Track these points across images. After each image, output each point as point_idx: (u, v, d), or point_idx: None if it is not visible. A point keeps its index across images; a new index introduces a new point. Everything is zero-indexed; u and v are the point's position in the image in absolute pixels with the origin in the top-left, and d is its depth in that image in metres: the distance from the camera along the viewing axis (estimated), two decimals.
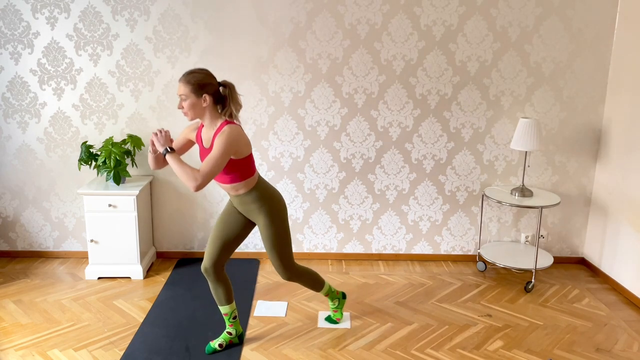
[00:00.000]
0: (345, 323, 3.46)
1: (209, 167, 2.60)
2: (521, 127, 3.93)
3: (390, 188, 4.35)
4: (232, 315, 3.14)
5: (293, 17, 4.01)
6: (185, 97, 2.69)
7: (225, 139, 2.64)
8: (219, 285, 3.04)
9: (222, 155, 2.63)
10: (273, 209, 2.91)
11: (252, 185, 2.86)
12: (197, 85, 2.67)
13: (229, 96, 2.75)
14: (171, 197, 4.32)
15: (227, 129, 2.68)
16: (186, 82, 2.68)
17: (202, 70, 2.73)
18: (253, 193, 2.87)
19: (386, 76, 4.12)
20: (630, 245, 3.87)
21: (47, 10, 3.96)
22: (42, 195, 4.30)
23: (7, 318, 3.46)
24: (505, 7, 4.01)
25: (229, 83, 2.77)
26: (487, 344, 3.26)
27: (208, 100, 2.70)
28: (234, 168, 2.76)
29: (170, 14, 3.99)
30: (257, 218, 2.93)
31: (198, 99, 2.69)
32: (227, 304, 3.09)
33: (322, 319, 3.50)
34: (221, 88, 2.76)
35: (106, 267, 4.01)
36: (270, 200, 2.91)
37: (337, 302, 3.43)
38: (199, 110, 2.72)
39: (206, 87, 2.69)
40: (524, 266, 3.99)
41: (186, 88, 2.68)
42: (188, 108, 2.70)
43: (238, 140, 2.69)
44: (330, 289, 3.35)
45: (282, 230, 2.95)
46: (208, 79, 2.71)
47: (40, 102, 4.13)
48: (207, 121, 2.77)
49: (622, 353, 3.19)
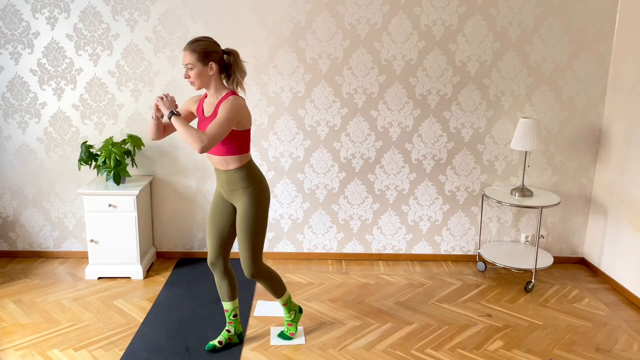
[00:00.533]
0: (300, 339, 3.27)
1: (215, 129, 2.60)
2: (521, 127, 3.93)
3: (390, 188, 4.35)
4: (233, 313, 3.14)
5: (293, 17, 4.01)
6: (191, 66, 2.69)
7: (230, 106, 2.65)
8: (225, 279, 3.06)
9: (228, 120, 2.63)
10: (257, 193, 2.86)
11: (244, 162, 2.83)
12: (203, 53, 2.68)
13: (234, 64, 2.75)
14: (171, 197, 4.32)
15: (232, 98, 2.70)
16: (192, 50, 2.68)
17: (206, 38, 2.73)
18: (242, 170, 2.83)
19: (386, 76, 4.12)
20: (630, 245, 3.87)
21: (47, 10, 3.96)
22: (42, 195, 4.30)
23: (7, 318, 3.46)
24: (505, 7, 4.01)
25: (233, 50, 2.77)
26: (487, 344, 3.26)
27: (214, 68, 2.71)
28: (232, 139, 2.75)
29: (170, 14, 3.99)
30: (240, 199, 2.86)
31: (204, 67, 2.69)
32: (230, 300, 3.10)
33: (274, 335, 3.30)
34: (225, 56, 2.76)
35: (106, 267, 4.01)
36: (258, 183, 2.87)
37: (294, 315, 3.25)
38: (206, 79, 2.73)
39: (212, 55, 2.70)
40: (524, 266, 3.99)
41: (192, 56, 2.67)
42: (195, 77, 2.70)
43: (242, 110, 2.70)
44: (290, 299, 3.22)
45: (261, 219, 2.88)
46: (213, 46, 2.72)
47: (40, 102, 4.13)
48: (212, 90, 2.77)
49: (622, 353, 3.19)
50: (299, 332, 3.34)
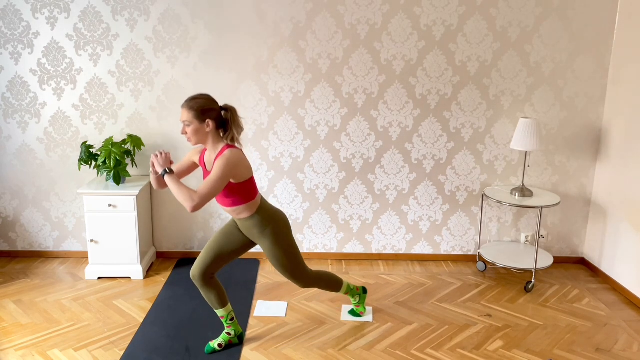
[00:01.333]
0: (368, 317, 3.53)
1: (206, 189, 2.64)
2: (521, 127, 3.93)
3: (390, 188, 4.35)
4: (229, 317, 3.14)
5: (293, 17, 4.01)
6: (188, 123, 2.74)
7: (224, 163, 2.68)
8: (209, 290, 3.03)
9: (221, 178, 2.66)
10: (276, 231, 2.94)
11: (254, 209, 2.90)
12: (200, 111, 2.72)
13: (231, 120, 2.80)
14: (171, 197, 4.32)
15: (227, 152, 2.72)
16: (189, 108, 2.72)
17: (203, 96, 2.78)
18: (255, 217, 2.91)
19: (386, 76, 4.12)
20: (630, 245, 3.87)
21: (47, 10, 3.96)
22: (42, 195, 4.30)
23: (7, 318, 3.46)
24: (505, 7, 4.01)
25: (230, 107, 2.82)
26: (487, 344, 3.26)
27: (211, 126, 2.75)
28: (235, 191, 2.80)
29: (170, 14, 3.99)
30: (261, 241, 2.97)
31: (201, 124, 2.73)
32: (222, 307, 3.09)
33: (345, 312, 3.58)
34: (223, 112, 2.81)
35: (106, 267, 4.01)
36: (273, 223, 2.94)
37: (358, 297, 3.48)
38: (202, 136, 2.77)
39: (209, 113, 2.74)
40: (524, 266, 3.99)
41: (189, 114, 2.72)
42: (192, 134, 2.75)
43: (237, 164, 2.72)
44: (349, 287, 3.41)
45: (288, 247, 2.99)
46: (210, 104, 2.76)
47: (40, 102, 4.13)
48: (210, 145, 2.82)
49: (622, 353, 3.19)
50: (368, 311, 3.59)
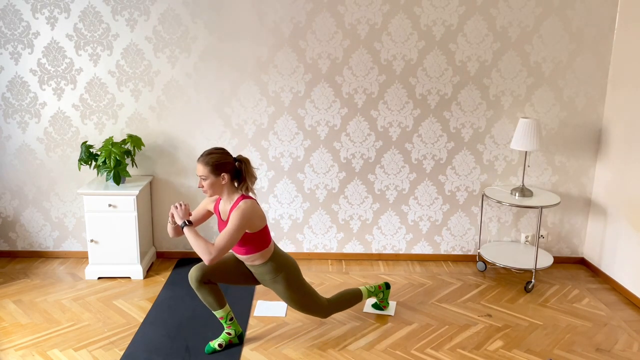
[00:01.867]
0: (390, 310, 3.60)
1: (224, 241, 2.74)
2: (521, 127, 3.92)
3: (390, 188, 4.35)
4: (228, 318, 3.14)
5: (293, 17, 4.01)
6: (205, 177, 2.84)
7: (240, 215, 2.77)
8: (207, 293, 3.04)
9: (237, 230, 2.76)
10: (288, 277, 3.03)
11: (268, 256, 2.98)
12: (215, 165, 2.82)
13: (244, 171, 2.89)
14: (171, 197, 4.32)
15: (242, 204, 2.81)
16: (205, 163, 2.82)
17: (218, 150, 2.87)
18: (269, 264, 2.99)
19: (386, 76, 4.12)
20: (630, 245, 3.87)
21: (47, 10, 3.96)
22: (42, 195, 4.30)
23: (7, 318, 3.46)
24: (505, 7, 4.01)
25: (244, 158, 2.91)
26: (487, 344, 3.26)
27: (226, 179, 2.85)
28: (249, 241, 2.89)
29: (170, 14, 3.99)
30: (274, 287, 3.07)
31: (217, 178, 2.83)
32: (220, 308, 3.09)
33: (368, 304, 3.65)
34: (237, 164, 2.89)
35: (106, 267, 4.01)
36: (285, 269, 3.03)
37: (382, 294, 3.54)
38: (218, 188, 2.87)
39: (224, 166, 2.83)
40: (524, 266, 3.99)
41: (205, 169, 2.82)
42: (208, 187, 2.86)
43: (252, 216, 2.82)
44: (369, 291, 3.45)
45: (301, 288, 3.08)
46: (225, 157, 2.86)
47: (40, 102, 4.13)
48: (225, 196, 2.91)
49: (622, 353, 3.19)
50: (391, 305, 3.66)
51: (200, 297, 3.07)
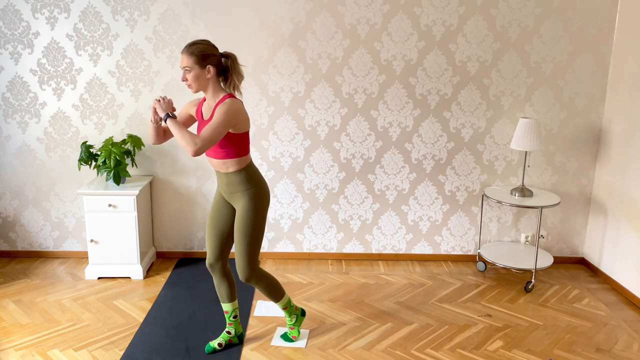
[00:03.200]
0: (301, 342, 3.23)
1: (209, 133, 2.61)
2: (521, 127, 3.92)
3: (390, 188, 4.34)
4: (233, 314, 3.14)
5: (293, 17, 4.01)
6: (189, 69, 2.70)
7: (227, 109, 2.66)
8: (224, 281, 3.05)
9: (223, 123, 2.63)
10: (257, 195, 2.86)
11: (243, 165, 2.84)
12: (201, 55, 2.69)
13: (231, 67, 2.77)
14: (171, 197, 4.32)
15: (229, 100, 2.71)
16: (190, 53, 2.69)
17: (204, 41, 2.75)
18: (242, 173, 2.84)
19: (386, 76, 4.12)
20: (630, 245, 3.87)
21: (47, 10, 3.96)
22: (42, 195, 4.30)
23: (7, 318, 3.46)
24: (505, 7, 4.01)
25: (231, 54, 2.79)
26: (487, 344, 3.26)
27: (212, 71, 2.72)
28: (230, 142, 2.76)
29: (170, 14, 3.99)
30: (239, 201, 2.87)
31: (202, 70, 2.71)
32: (230, 301, 3.10)
33: (277, 336, 3.30)
34: (223, 59, 2.78)
35: (106, 267, 4.01)
36: (258, 185, 2.88)
37: (295, 318, 3.22)
38: (203, 82, 2.74)
39: (209, 58, 2.71)
40: (524, 266, 3.99)
41: (190, 59, 2.69)
42: (192, 80, 2.72)
43: (238, 113, 2.71)
44: (290, 303, 3.19)
45: (259, 221, 2.87)
46: (211, 49, 2.73)
47: (40, 102, 4.13)
48: (210, 93, 2.78)
49: (622, 353, 3.19)
50: (302, 335, 3.31)
51: (216, 285, 3.07)
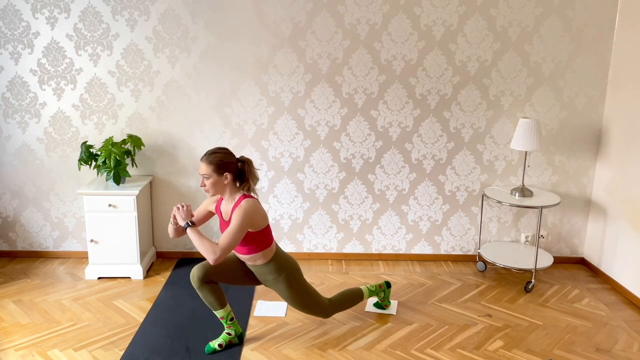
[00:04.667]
0: (392, 309, 3.60)
1: (227, 240, 2.76)
2: (521, 127, 3.93)
3: (390, 188, 4.34)
4: (229, 318, 3.14)
5: (293, 17, 4.01)
6: (207, 176, 2.86)
7: (242, 214, 2.79)
8: (208, 292, 3.04)
9: (240, 229, 2.78)
10: (290, 277, 3.05)
11: (270, 256, 3.00)
12: (218, 164, 2.84)
13: (247, 171, 2.91)
14: (171, 197, 4.32)
15: (244, 203, 2.83)
16: (208, 162, 2.84)
17: (222, 150, 2.89)
18: (271, 265, 3.01)
19: (386, 76, 4.12)
20: (630, 245, 3.87)
21: (47, 10, 3.96)
22: (42, 195, 4.30)
23: (7, 318, 3.46)
24: (505, 7, 4.01)
25: (246, 159, 2.93)
26: (487, 344, 3.26)
27: (229, 178, 2.87)
28: (251, 240, 2.91)
29: (170, 14, 3.99)
30: (276, 287, 3.10)
31: (220, 177, 2.85)
32: (221, 307, 3.09)
33: (370, 303, 3.65)
34: (239, 164, 2.91)
35: (106, 267, 4.01)
36: (287, 270, 3.05)
37: (383, 294, 3.55)
38: (220, 187, 2.89)
39: (227, 166, 2.86)
40: (524, 266, 3.99)
41: (208, 168, 2.84)
42: (210, 186, 2.87)
43: (254, 214, 2.84)
44: (370, 291, 3.46)
45: (302, 289, 3.10)
46: (228, 157, 2.88)
47: (40, 102, 4.13)
48: (227, 195, 2.93)
49: (622, 353, 3.19)
50: (392, 305, 3.67)
51: (201, 296, 3.06)
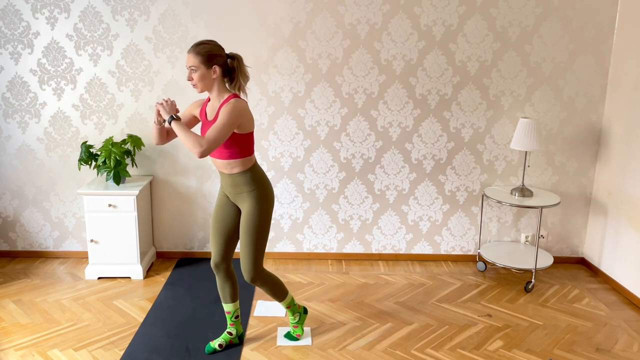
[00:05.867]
0: (306, 340, 3.26)
1: (214, 134, 2.61)
2: (521, 127, 3.93)
3: (390, 188, 4.34)
4: (235, 315, 3.14)
5: (293, 17, 4.01)
6: (195, 69, 2.71)
7: (231, 109, 2.66)
8: (227, 282, 3.05)
9: (228, 124, 2.64)
10: (262, 196, 2.86)
11: (248, 166, 2.85)
12: (207, 55, 2.69)
13: (237, 68, 2.78)
14: (171, 197, 4.32)
15: (233, 101, 2.71)
16: (196, 53, 2.69)
17: (210, 41, 2.75)
18: (247, 174, 2.84)
19: (386, 76, 4.12)
20: (630, 245, 3.87)
21: (47, 10, 3.96)
22: (42, 195, 4.30)
23: (7, 318, 3.46)
24: (505, 7, 4.01)
25: (237, 55, 2.79)
26: (487, 344, 3.26)
27: (218, 72, 2.73)
28: (235, 143, 2.76)
29: (170, 14, 3.99)
30: (244, 202, 2.88)
31: (208, 70, 2.71)
32: (232, 302, 3.10)
33: (281, 335, 3.30)
34: (229, 60, 2.78)
35: (106, 267, 4.01)
36: (262, 186, 2.88)
37: (298, 316, 3.25)
38: (208, 82, 2.74)
39: (216, 58, 2.72)
40: (524, 266, 3.99)
41: (196, 59, 2.69)
42: (198, 79, 2.72)
43: (243, 113, 2.71)
44: (293, 302, 3.21)
45: (264, 222, 2.88)
46: (217, 49, 2.74)
47: (40, 102, 4.13)
48: (215, 93, 2.79)
49: (622, 353, 3.19)
50: (305, 333, 3.33)
51: (219, 285, 3.06)
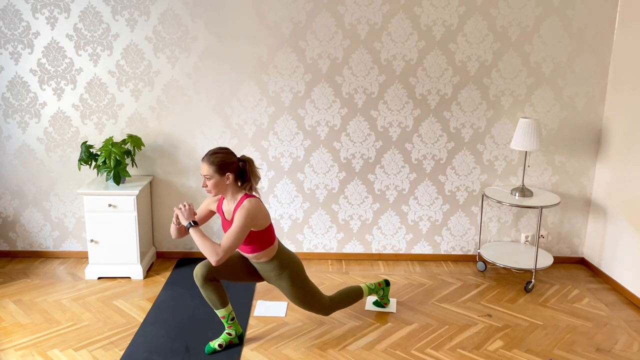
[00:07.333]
0: (392, 307, 3.63)
1: (230, 241, 2.76)
2: (521, 127, 3.93)
3: (390, 188, 4.35)
4: (230, 317, 3.14)
5: (293, 17, 4.01)
6: (209, 177, 2.85)
7: (244, 213, 2.79)
8: (211, 290, 3.03)
9: (242, 229, 2.79)
10: (293, 273, 3.07)
11: (273, 254, 3.02)
12: (220, 165, 2.84)
13: (248, 170, 2.91)
14: (171, 197, 4.32)
15: (246, 203, 2.83)
16: (210, 163, 2.84)
17: (223, 150, 2.89)
18: (274, 262, 3.03)
19: (386, 76, 4.12)
20: (630, 245, 3.87)
21: (47, 10, 3.96)
22: (42, 195, 4.30)
23: (7, 318, 3.46)
24: (505, 7, 4.01)
25: (247, 158, 2.94)
26: (487, 344, 3.26)
27: (231, 178, 2.87)
28: (254, 239, 2.91)
29: (170, 14, 3.99)
30: (279, 284, 3.10)
31: (221, 177, 2.86)
32: (223, 307, 3.09)
33: (369, 302, 3.67)
34: (241, 163, 2.92)
35: (106, 267, 4.01)
36: (290, 267, 3.06)
37: (382, 292, 3.57)
38: (222, 188, 2.89)
39: (228, 166, 2.86)
40: (524, 266, 3.99)
41: (210, 168, 2.84)
42: (212, 186, 2.87)
43: (256, 214, 2.84)
44: (369, 289, 3.48)
45: (304, 286, 3.11)
46: (230, 157, 2.88)
47: (40, 102, 4.13)
48: (229, 195, 2.94)
49: (622, 353, 3.19)
50: (392, 303, 3.69)
51: (204, 295, 3.06)
